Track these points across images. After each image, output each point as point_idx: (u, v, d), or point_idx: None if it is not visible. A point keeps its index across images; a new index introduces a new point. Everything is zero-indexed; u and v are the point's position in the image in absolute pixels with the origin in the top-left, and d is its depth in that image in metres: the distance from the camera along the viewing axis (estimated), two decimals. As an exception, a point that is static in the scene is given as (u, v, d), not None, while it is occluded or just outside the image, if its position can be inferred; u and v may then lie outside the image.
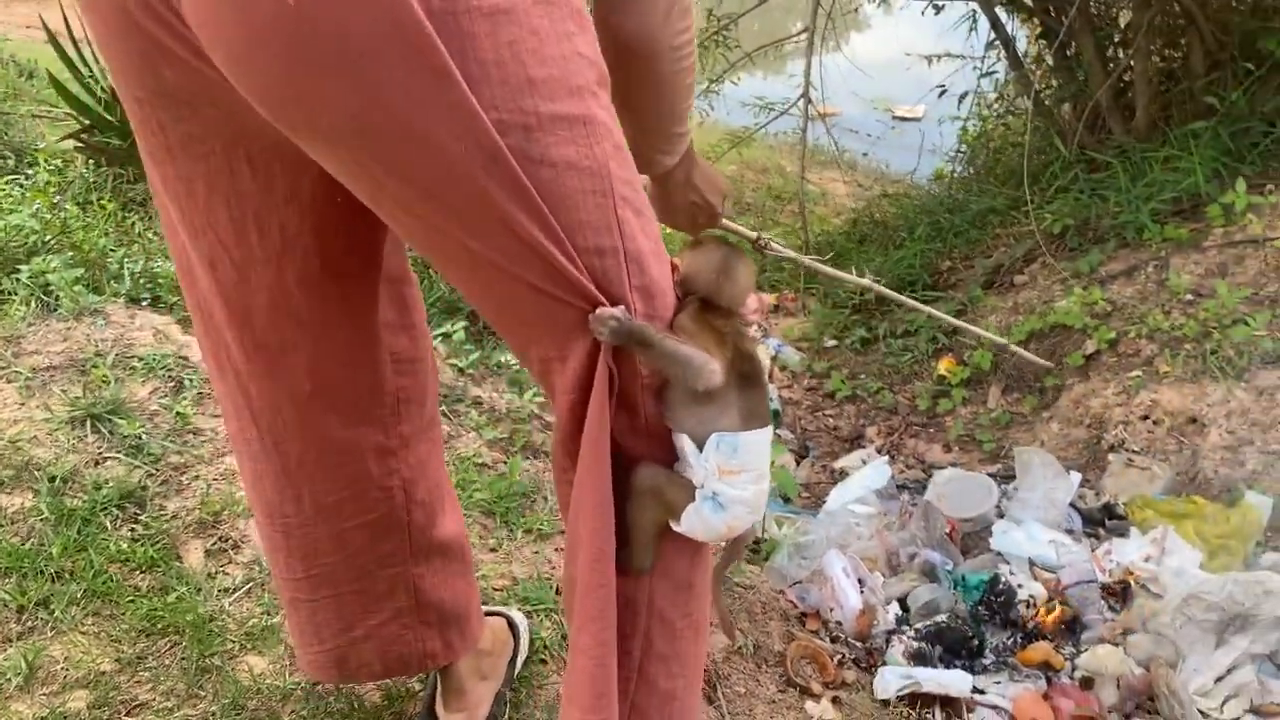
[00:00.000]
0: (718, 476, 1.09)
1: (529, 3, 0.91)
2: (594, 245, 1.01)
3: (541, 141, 0.94)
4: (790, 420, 3.52)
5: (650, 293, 1.06)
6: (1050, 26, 4.29)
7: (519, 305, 1.04)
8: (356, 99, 0.89)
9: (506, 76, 0.90)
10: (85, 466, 2.03)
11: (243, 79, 0.92)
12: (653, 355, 1.05)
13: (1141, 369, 3.01)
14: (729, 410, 1.09)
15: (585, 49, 0.97)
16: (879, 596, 2.31)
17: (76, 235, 2.87)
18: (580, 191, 0.98)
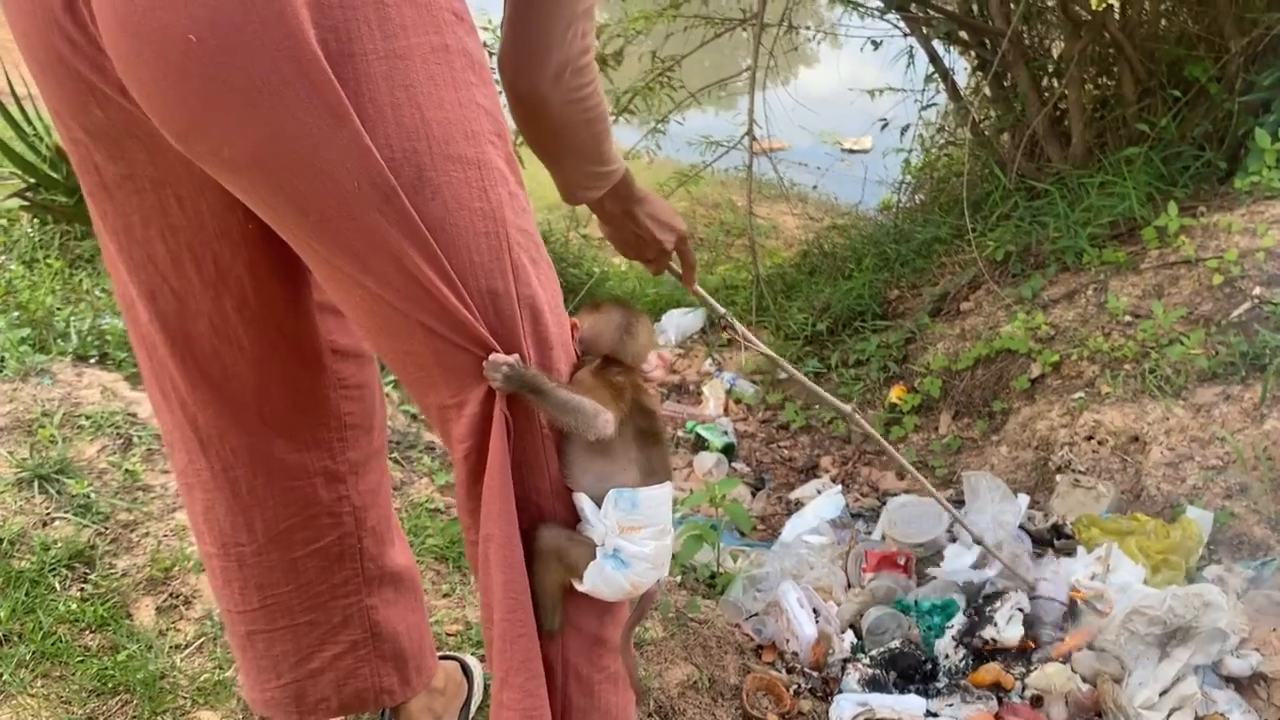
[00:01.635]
0: (618, 533, 1.09)
1: (426, 51, 0.96)
2: (487, 287, 1.04)
3: (434, 181, 0.98)
4: (745, 453, 3.56)
5: (546, 343, 1.10)
6: (985, 58, 4.40)
7: (415, 349, 1.07)
8: (257, 132, 0.93)
9: (401, 118, 0.95)
10: (33, 528, 2.02)
11: (156, 111, 0.96)
12: (546, 404, 1.06)
13: (1084, 390, 3.08)
14: (628, 466, 1.10)
15: (484, 100, 1.02)
16: (834, 625, 2.34)
17: (22, 295, 2.87)
18: (473, 232, 1.01)
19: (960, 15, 4.36)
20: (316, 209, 0.98)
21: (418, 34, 0.95)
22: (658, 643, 2.10)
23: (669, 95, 4.59)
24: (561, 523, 1.13)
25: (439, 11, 0.98)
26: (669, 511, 1.14)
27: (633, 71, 4.55)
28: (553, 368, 1.10)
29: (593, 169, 1.27)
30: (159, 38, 0.90)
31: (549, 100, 1.13)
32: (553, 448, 1.13)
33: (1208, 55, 3.70)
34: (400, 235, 0.98)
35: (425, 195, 0.98)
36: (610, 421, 1.08)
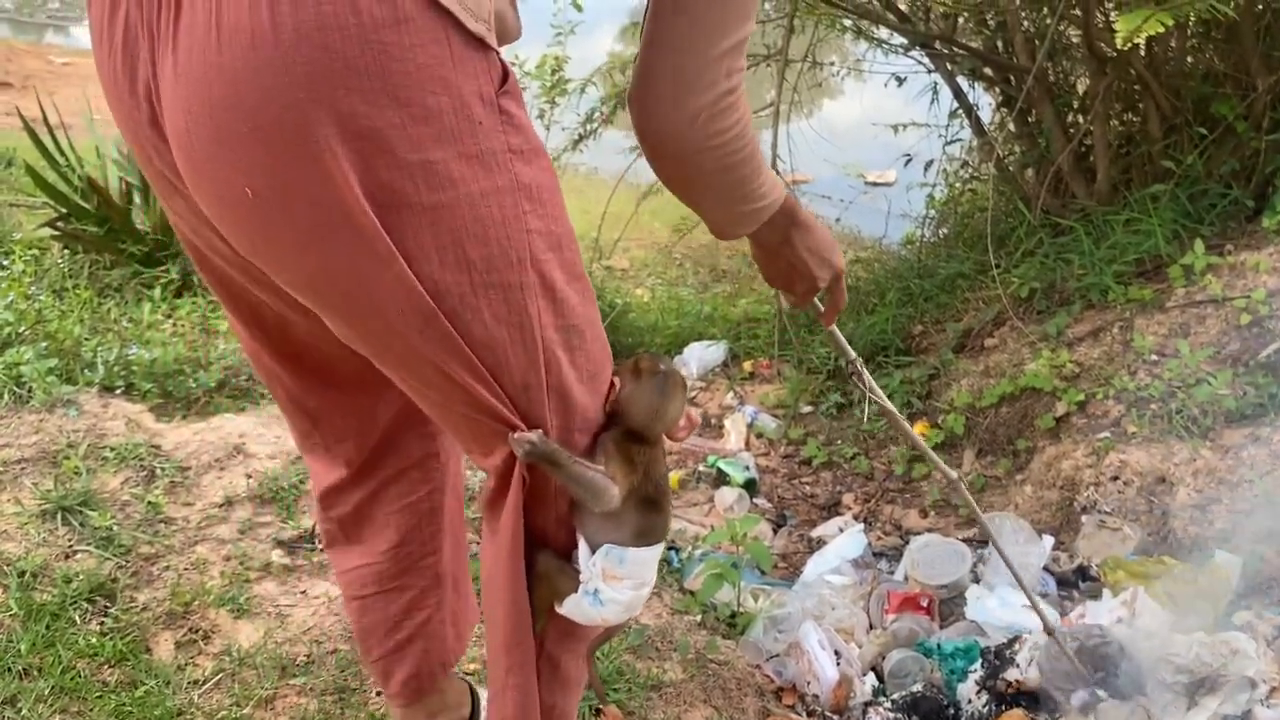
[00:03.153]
0: (601, 578, 1.20)
1: (475, 197, 1.01)
2: (520, 382, 1.12)
3: (474, 306, 1.05)
4: (767, 489, 3.54)
5: (571, 412, 1.17)
6: (1010, 94, 4.40)
7: (451, 421, 1.19)
8: (309, 268, 1.04)
9: (445, 258, 1.02)
10: (55, 560, 2.03)
11: (224, 231, 1.07)
12: (561, 475, 1.15)
13: (1110, 430, 3.05)
14: (624, 527, 1.20)
15: (536, 224, 1.07)
16: (855, 668, 2.31)
17: (51, 325, 2.90)
18: (508, 342, 1.09)
19: (984, 52, 4.36)
20: (362, 328, 1.09)
21: (465, 185, 1.00)
22: (677, 684, 2.09)
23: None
24: (559, 549, 1.24)
25: (492, 157, 1.02)
26: (653, 569, 1.25)
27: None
28: (576, 430, 1.18)
29: (739, 209, 1.24)
30: (219, 185, 1.00)
31: (686, 144, 1.11)
32: (563, 493, 1.22)
33: (1234, 93, 3.68)
34: (439, 350, 1.07)
35: (466, 319, 1.05)
36: (615, 498, 1.17)
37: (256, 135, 0.94)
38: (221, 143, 0.96)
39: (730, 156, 1.14)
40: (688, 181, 1.19)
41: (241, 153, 0.96)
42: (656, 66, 1.08)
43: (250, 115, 0.93)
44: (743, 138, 1.14)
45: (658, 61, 1.08)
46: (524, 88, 1.15)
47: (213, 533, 2.22)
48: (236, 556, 2.15)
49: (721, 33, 1.06)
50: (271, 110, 0.93)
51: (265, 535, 2.25)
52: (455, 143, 0.99)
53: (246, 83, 0.92)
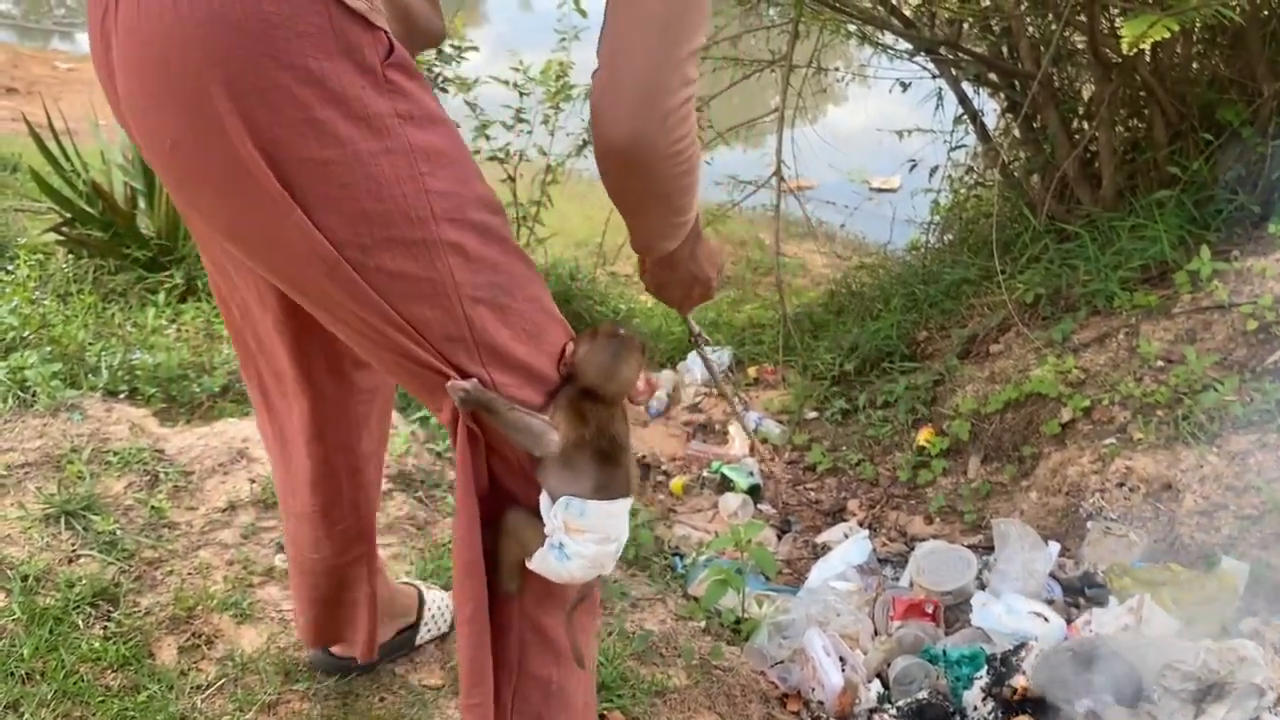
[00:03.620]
0: (565, 531, 1.25)
1: (365, 155, 1.11)
2: (443, 335, 1.20)
3: (377, 256, 1.14)
4: (771, 495, 3.53)
5: (512, 367, 1.24)
6: (1015, 100, 4.39)
7: (396, 373, 1.28)
8: (227, 214, 1.18)
9: (340, 209, 1.12)
10: (59, 564, 2.03)
11: (166, 185, 1.24)
12: (500, 422, 1.23)
13: (1115, 436, 3.04)
14: (582, 480, 1.25)
15: (437, 185, 1.15)
16: (860, 674, 2.30)
17: (55, 329, 2.90)
18: (422, 295, 1.17)
19: (989, 58, 4.36)
20: (284, 273, 1.21)
21: (354, 144, 1.10)
22: (681, 690, 2.08)
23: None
24: (527, 505, 1.30)
25: (379, 119, 1.11)
26: (619, 524, 1.29)
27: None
28: (528, 387, 1.25)
29: (676, 220, 1.28)
30: (149, 137, 1.15)
31: (654, 148, 1.13)
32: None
33: (1240, 99, 3.67)
34: (349, 298, 1.16)
35: (371, 268, 1.14)
36: (555, 443, 1.24)
37: (169, 94, 1.08)
38: (147, 100, 1.11)
39: (686, 163, 1.17)
40: (646, 190, 1.20)
41: (162, 109, 1.10)
42: (626, 74, 1.11)
43: (163, 76, 1.08)
44: (694, 145, 1.18)
45: (627, 69, 1.11)
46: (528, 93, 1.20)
47: (216, 537, 2.21)
48: (239, 561, 2.15)
49: (684, 39, 1.11)
50: (176, 71, 1.06)
51: (268, 540, 2.24)
52: (340, 104, 1.08)
53: (158, 48, 1.06)
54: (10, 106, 7.20)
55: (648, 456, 3.81)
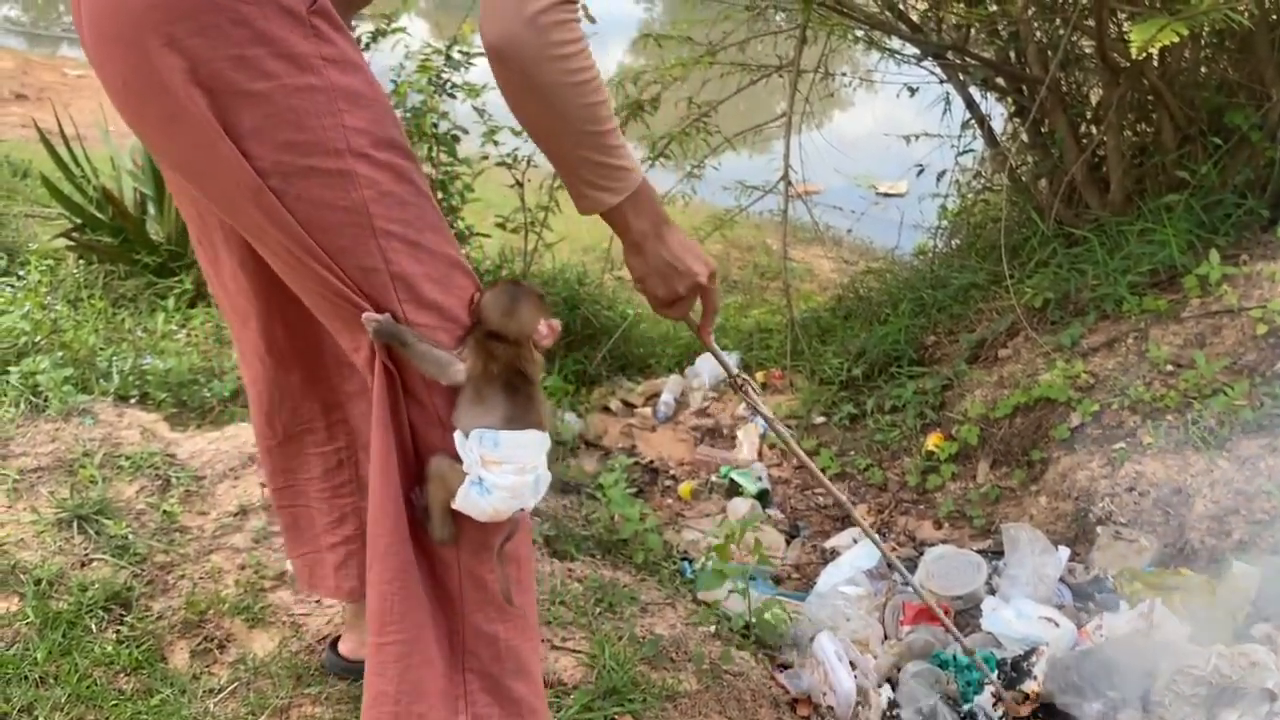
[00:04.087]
0: (481, 465, 1.32)
1: (290, 90, 1.22)
2: (357, 265, 1.29)
3: (298, 185, 1.25)
4: (780, 500, 3.53)
5: (426, 305, 1.33)
6: (1023, 104, 4.39)
7: (317, 304, 1.36)
8: (169, 146, 1.31)
9: (265, 138, 1.23)
10: (72, 568, 2.04)
11: (125, 122, 1.33)
12: (410, 353, 1.32)
13: (1125, 441, 3.03)
14: (493, 412, 1.33)
15: (354, 122, 1.26)
16: (871, 679, 2.30)
17: (67, 334, 2.91)
18: (338, 225, 1.27)
19: (997, 62, 4.36)
20: (219, 200, 1.32)
21: (280, 78, 1.21)
22: (691, 695, 2.08)
23: (704, 140, 4.61)
24: (445, 450, 1.36)
25: (304, 59, 1.23)
26: (534, 456, 1.36)
27: (669, 118, 4.57)
28: (440, 328, 1.34)
29: (596, 157, 1.30)
30: (106, 78, 1.27)
31: (525, 48, 1.20)
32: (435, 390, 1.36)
33: (1249, 103, 3.67)
34: (272, 224, 1.27)
35: (292, 196, 1.25)
36: (460, 371, 1.33)
37: (116, 39, 1.21)
38: (100, 44, 1.24)
39: (577, 74, 1.23)
40: (535, 93, 1.24)
41: (112, 53, 1.23)
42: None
43: (113, 23, 1.21)
44: (587, 57, 1.24)
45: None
46: None
47: (227, 541, 2.22)
48: (251, 565, 2.15)
49: None
50: (121, 20, 1.20)
51: (279, 544, 2.24)
52: (268, 44, 1.21)
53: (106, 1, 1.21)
54: (20, 113, 7.24)
55: (655, 461, 3.82)
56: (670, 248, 1.41)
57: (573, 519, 2.82)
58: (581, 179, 1.33)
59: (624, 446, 3.90)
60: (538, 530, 2.58)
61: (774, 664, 2.41)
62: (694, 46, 4.43)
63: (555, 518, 2.75)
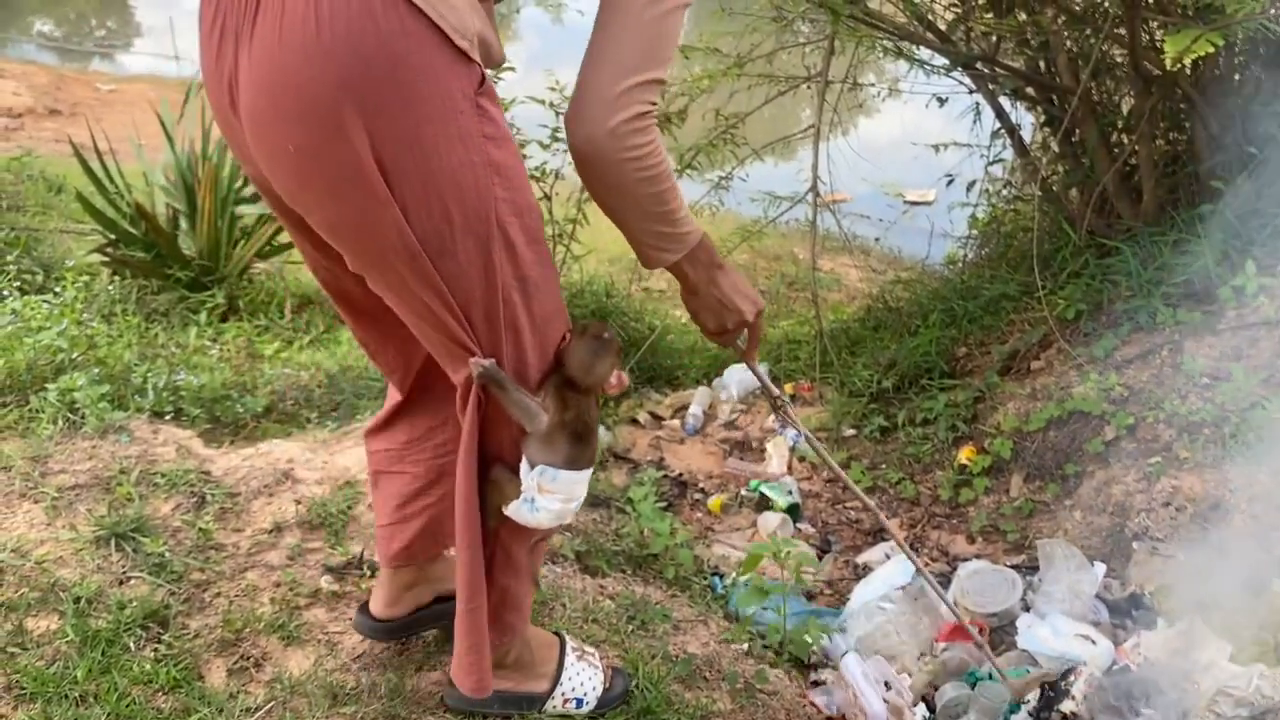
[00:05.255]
0: (538, 490, 1.56)
1: (454, 166, 1.35)
2: (483, 314, 1.46)
3: (452, 249, 1.40)
4: (811, 513, 3.51)
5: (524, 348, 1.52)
6: (1053, 114, 4.36)
7: (426, 335, 1.53)
8: (333, 209, 1.40)
9: (431, 209, 1.37)
10: (110, 586, 2.05)
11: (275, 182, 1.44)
12: (503, 397, 1.51)
13: (1161, 455, 3.00)
14: (557, 453, 1.55)
15: (501, 193, 1.40)
16: (906, 698, 2.29)
17: (101, 350, 2.94)
18: (476, 282, 1.43)
19: (1027, 72, 4.34)
20: (368, 260, 1.45)
21: (449, 156, 1.34)
22: (725, 715, 2.07)
23: (732, 151, 4.61)
24: (510, 464, 1.60)
25: (470, 138, 1.35)
26: (581, 490, 1.60)
27: (696, 129, 4.57)
28: (523, 373, 1.54)
29: (660, 229, 1.49)
30: (271, 145, 1.37)
31: (606, 154, 1.37)
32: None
33: (1284, 111, 3.63)
34: (421, 283, 1.41)
35: (445, 259, 1.39)
36: (544, 422, 1.53)
37: (300, 110, 1.30)
38: (277, 114, 1.32)
39: (648, 170, 1.39)
40: (611, 188, 1.42)
41: (290, 122, 1.31)
42: (586, 89, 1.37)
43: (297, 96, 1.29)
44: (657, 156, 1.40)
45: (588, 84, 1.37)
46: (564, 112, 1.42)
47: (262, 559, 2.23)
48: (286, 583, 2.16)
49: (634, 71, 1.35)
50: (312, 93, 1.28)
51: (314, 561, 2.25)
52: (442, 124, 1.32)
53: (296, 73, 1.28)
54: (54, 128, 7.32)
55: (684, 474, 3.81)
56: (723, 289, 1.60)
57: (603, 533, 2.81)
58: (647, 244, 1.51)
59: (652, 459, 3.90)
60: (569, 546, 2.58)
61: (807, 681, 2.41)
62: (721, 58, 4.43)
63: (585, 532, 2.75)
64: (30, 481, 2.30)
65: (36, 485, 2.30)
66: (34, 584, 2.02)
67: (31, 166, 5.57)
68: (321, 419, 3.09)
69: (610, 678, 2.02)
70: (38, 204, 4.88)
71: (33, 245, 4.11)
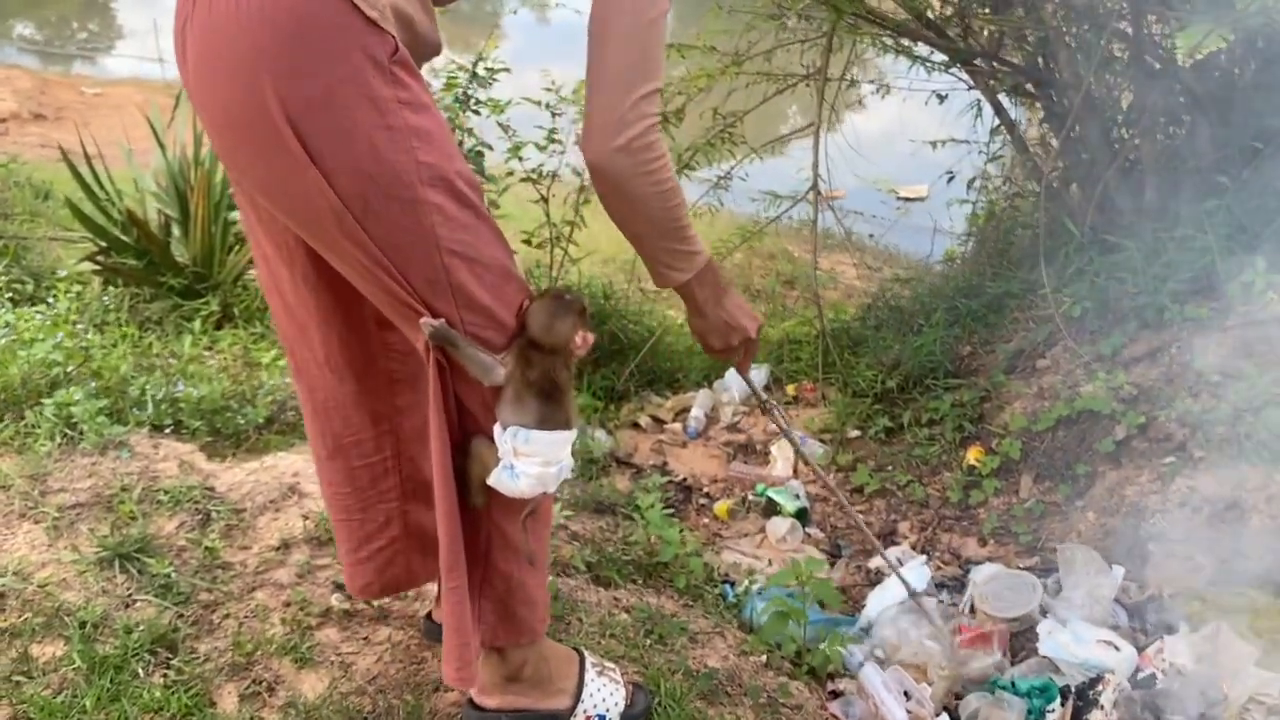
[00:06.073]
0: (514, 455, 1.55)
1: (369, 129, 1.40)
2: (422, 277, 1.49)
3: (377, 210, 1.43)
4: (819, 518, 3.47)
5: (478, 311, 1.53)
6: (1053, 110, 4.33)
7: (381, 302, 1.55)
8: (261, 171, 1.46)
9: (349, 170, 1.41)
10: (116, 609, 1.99)
11: (216, 149, 1.52)
12: (460, 355, 1.52)
13: (1175, 454, 2.97)
14: (528, 413, 1.55)
15: (425, 158, 1.44)
16: (928, 708, 2.25)
17: (97, 362, 2.87)
18: (409, 244, 1.46)
19: (1026, 67, 4.30)
20: (303, 221, 1.49)
21: (363, 117, 1.39)
22: (750, 730, 2.03)
23: (729, 150, 4.56)
24: (486, 432, 1.60)
25: (385, 104, 1.40)
26: (559, 451, 1.58)
27: (694, 129, 4.53)
28: (490, 328, 1.54)
29: (674, 246, 1.56)
30: (209, 110, 1.45)
31: (621, 169, 1.44)
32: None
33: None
34: (351, 243, 1.45)
35: (370, 220, 1.43)
36: (501, 375, 1.54)
37: (224, 76, 1.39)
38: (210, 78, 1.41)
39: (661, 184, 1.47)
40: (631, 206, 1.49)
41: (218, 88, 1.40)
42: (595, 117, 1.44)
43: (222, 62, 1.38)
44: (668, 168, 1.48)
45: (598, 105, 1.44)
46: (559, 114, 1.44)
47: (271, 577, 2.18)
48: (296, 602, 2.11)
49: (638, 83, 1.43)
50: (233, 58, 1.37)
51: (324, 579, 2.20)
52: (354, 86, 1.38)
53: (220, 41, 1.37)
54: (39, 133, 7.22)
55: (688, 479, 3.77)
56: (728, 309, 1.67)
57: (611, 542, 2.77)
58: (660, 262, 1.57)
59: (655, 463, 3.85)
60: (579, 557, 2.54)
61: (825, 692, 2.36)
62: (720, 56, 4.38)
63: (594, 541, 2.70)
64: (30, 501, 2.24)
65: (36, 505, 2.23)
66: (38, 608, 1.96)
67: (18, 173, 5.47)
68: (323, 429, 3.03)
69: (631, 694, 1.97)
70: (25, 211, 4.79)
71: (21, 254, 4.03)
